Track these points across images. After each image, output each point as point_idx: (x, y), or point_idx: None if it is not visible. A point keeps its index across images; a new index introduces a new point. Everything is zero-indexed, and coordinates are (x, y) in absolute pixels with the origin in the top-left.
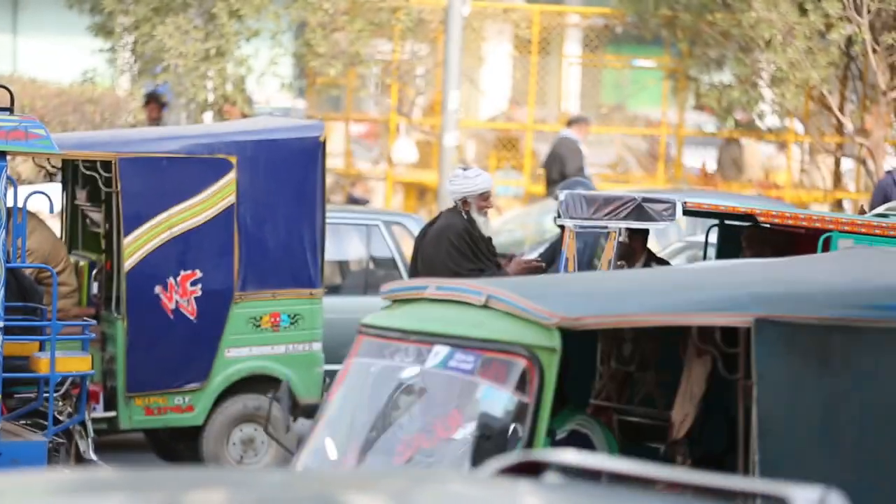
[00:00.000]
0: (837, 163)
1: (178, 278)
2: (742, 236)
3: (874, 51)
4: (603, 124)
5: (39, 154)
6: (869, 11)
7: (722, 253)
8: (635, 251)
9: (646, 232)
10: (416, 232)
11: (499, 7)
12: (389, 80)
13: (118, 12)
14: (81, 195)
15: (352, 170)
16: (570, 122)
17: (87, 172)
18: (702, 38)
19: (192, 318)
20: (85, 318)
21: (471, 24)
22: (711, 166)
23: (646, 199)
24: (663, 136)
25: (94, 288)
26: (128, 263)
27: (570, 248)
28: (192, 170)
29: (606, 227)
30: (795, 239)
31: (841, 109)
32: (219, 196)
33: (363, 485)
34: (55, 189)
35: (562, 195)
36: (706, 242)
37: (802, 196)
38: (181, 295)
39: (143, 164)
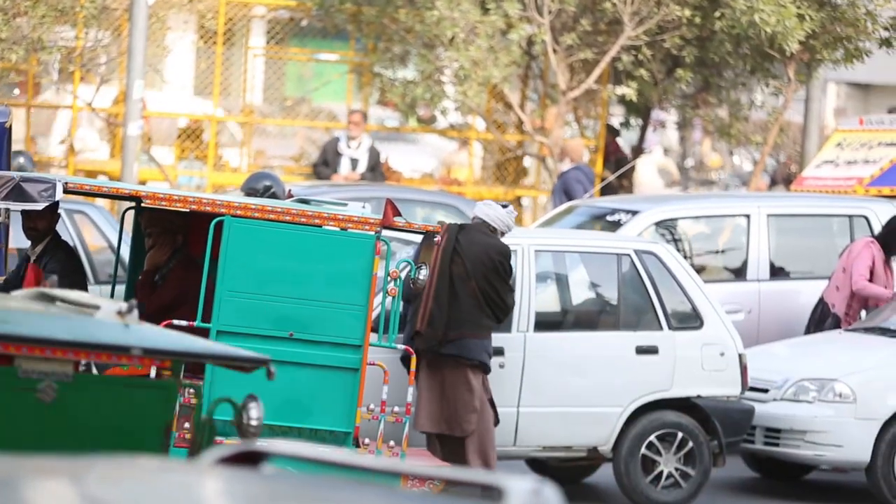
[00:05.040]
0: (518, 160)
1: None
2: (140, 218)
3: (554, 51)
4: (287, 117)
5: None
6: (550, 13)
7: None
8: (38, 232)
9: (50, 213)
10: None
11: None
12: (72, 68)
13: None
14: None
15: (34, 157)
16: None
17: None
18: (386, 34)
19: None
20: None
21: (156, 13)
22: (394, 161)
23: (24, 179)
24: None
25: None
26: None
27: None
28: None
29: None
30: (194, 222)
31: (522, 108)
32: None
33: (62, 469)
34: None
35: None
36: (121, 227)
37: (483, 192)
38: None
39: None
